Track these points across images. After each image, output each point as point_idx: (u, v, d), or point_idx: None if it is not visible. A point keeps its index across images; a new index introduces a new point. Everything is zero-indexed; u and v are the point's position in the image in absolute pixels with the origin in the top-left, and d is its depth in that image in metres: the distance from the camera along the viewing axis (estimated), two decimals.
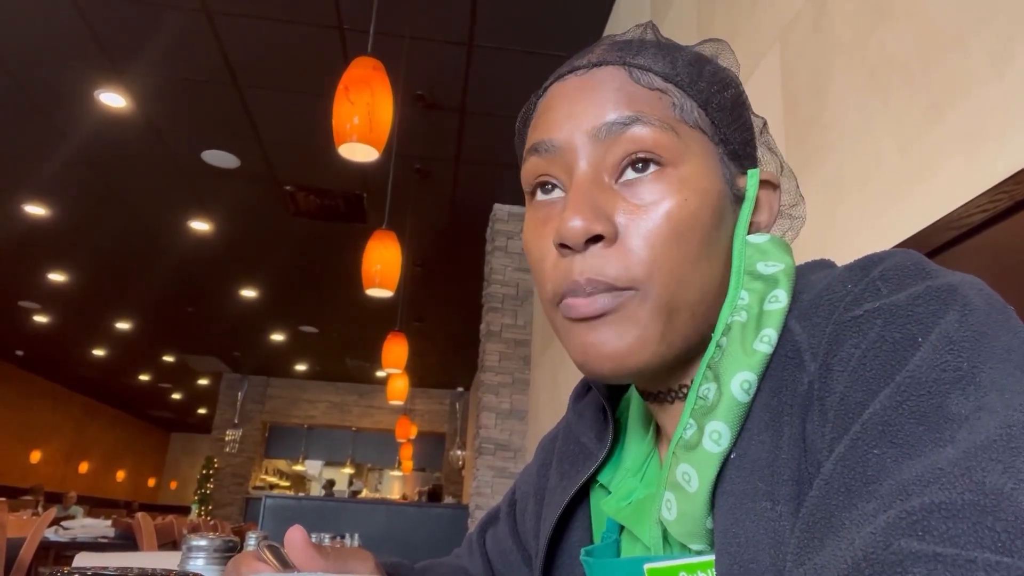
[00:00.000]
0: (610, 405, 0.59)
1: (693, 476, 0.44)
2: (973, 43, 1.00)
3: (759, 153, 0.55)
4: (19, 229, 6.05)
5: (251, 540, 0.90)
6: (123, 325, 9.22)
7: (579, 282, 0.46)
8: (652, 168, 0.47)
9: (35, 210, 5.67)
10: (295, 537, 0.47)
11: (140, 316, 8.81)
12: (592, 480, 0.58)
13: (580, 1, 3.16)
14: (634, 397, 0.59)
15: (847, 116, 1.30)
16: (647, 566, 0.47)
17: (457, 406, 11.43)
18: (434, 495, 9.24)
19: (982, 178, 0.96)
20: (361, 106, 2.17)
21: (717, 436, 0.43)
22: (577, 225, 0.45)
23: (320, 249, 6.11)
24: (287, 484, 15.09)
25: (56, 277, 7.38)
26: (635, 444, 0.57)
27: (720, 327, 0.47)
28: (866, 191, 1.22)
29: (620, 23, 3.09)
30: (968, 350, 0.35)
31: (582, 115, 0.48)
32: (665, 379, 0.51)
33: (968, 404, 0.33)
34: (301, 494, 13.15)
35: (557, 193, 0.50)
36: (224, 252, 6.35)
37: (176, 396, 14.14)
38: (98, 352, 10.79)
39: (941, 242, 1.04)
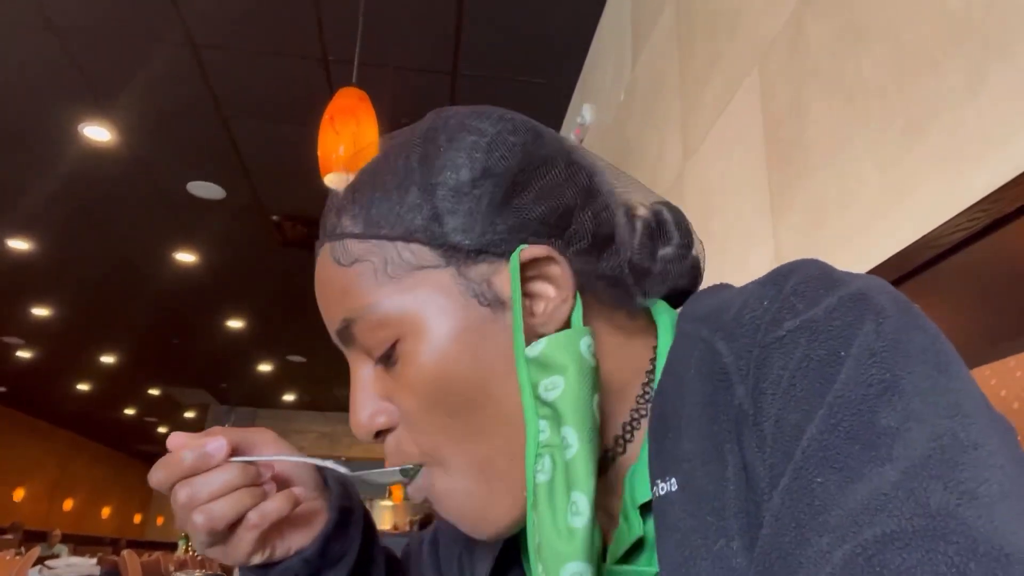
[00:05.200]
0: None
1: None
2: (947, 65, 1.02)
3: (533, 210, 0.46)
4: (2, 264, 6.00)
5: None
6: (108, 359, 9.12)
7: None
8: (391, 353, 0.46)
9: (18, 245, 5.63)
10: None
11: (125, 349, 8.72)
12: None
13: (562, 29, 3.21)
14: None
15: (826, 138, 1.32)
16: None
17: None
18: (426, 524, 9.13)
19: (960, 197, 0.97)
20: (347, 136, 2.19)
21: None
22: (358, 431, 0.47)
23: (307, 277, 6.02)
24: None
25: (40, 312, 7.31)
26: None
27: (530, 483, 0.42)
28: (846, 212, 1.24)
29: (602, 49, 3.14)
30: (888, 360, 0.36)
31: (326, 321, 0.50)
32: None
33: (896, 416, 0.34)
34: None
35: None
36: (210, 283, 6.32)
37: (162, 430, 13.95)
38: (82, 387, 10.66)
39: (921, 261, 1.05)
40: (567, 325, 0.45)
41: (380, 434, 0.47)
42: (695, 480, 0.40)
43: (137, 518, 17.19)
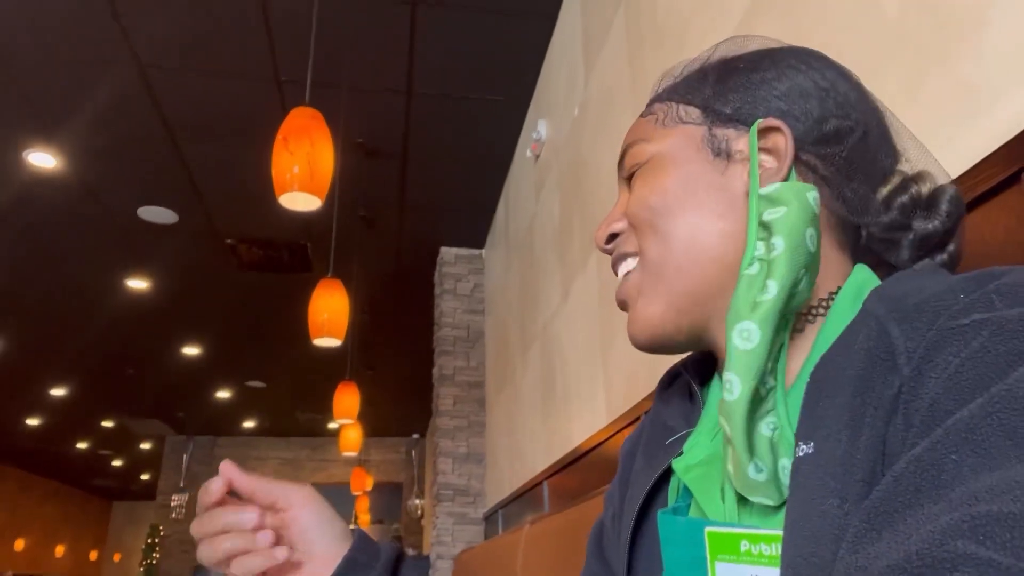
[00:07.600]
0: (699, 387, 0.62)
1: (726, 425, 0.49)
2: (885, 74, 1.06)
3: (787, 105, 0.56)
4: None
5: None
6: (58, 391, 8.83)
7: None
8: (636, 173, 0.61)
9: None
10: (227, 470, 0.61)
11: (76, 381, 8.46)
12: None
13: (515, 46, 3.24)
14: (715, 378, 0.62)
15: None
16: (708, 529, 0.49)
17: (413, 453, 11.24)
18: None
19: None
20: (301, 156, 2.17)
21: (730, 386, 0.48)
22: (599, 232, 0.63)
23: (265, 301, 6.00)
24: None
25: None
26: (710, 414, 0.59)
27: (739, 282, 0.51)
28: None
29: (555, 66, 3.17)
30: None
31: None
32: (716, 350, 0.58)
33: None
34: None
35: None
36: (164, 310, 6.18)
37: (117, 463, 13.54)
38: (32, 422, 10.29)
39: None
40: None
41: (611, 240, 0.62)
42: (827, 444, 0.43)
43: (93, 555, 16.59)
